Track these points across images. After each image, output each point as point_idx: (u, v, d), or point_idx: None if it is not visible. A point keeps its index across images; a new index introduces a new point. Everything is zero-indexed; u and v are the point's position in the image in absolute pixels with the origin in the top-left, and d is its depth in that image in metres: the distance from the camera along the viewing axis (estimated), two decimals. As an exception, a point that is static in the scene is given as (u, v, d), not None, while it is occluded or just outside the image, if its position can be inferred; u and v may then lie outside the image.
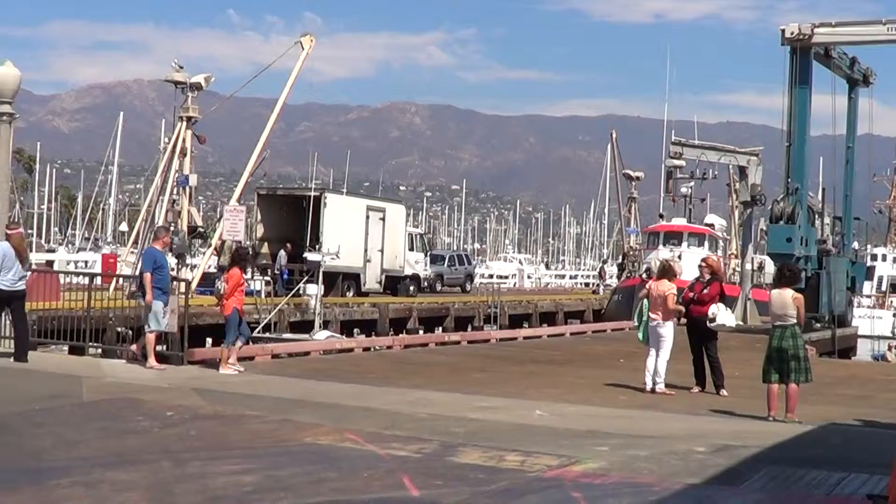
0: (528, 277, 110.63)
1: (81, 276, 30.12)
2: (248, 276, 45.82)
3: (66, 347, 25.37)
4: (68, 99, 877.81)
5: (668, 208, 65.96)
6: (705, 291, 21.02)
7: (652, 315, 20.64)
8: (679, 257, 47.13)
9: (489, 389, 20.17)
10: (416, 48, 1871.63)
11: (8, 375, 19.28)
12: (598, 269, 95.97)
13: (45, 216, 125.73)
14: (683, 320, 21.40)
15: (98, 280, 26.88)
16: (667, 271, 21.18)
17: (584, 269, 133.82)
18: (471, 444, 13.42)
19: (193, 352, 23.20)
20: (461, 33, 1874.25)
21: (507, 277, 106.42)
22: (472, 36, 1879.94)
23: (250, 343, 24.16)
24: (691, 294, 21.18)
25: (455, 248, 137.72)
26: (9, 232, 22.45)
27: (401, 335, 39.34)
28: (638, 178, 79.07)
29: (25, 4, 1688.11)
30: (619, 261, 76.36)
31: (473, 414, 16.26)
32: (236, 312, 21.49)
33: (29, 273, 22.29)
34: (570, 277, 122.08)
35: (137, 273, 21.51)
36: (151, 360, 21.00)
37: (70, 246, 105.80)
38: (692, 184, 63.07)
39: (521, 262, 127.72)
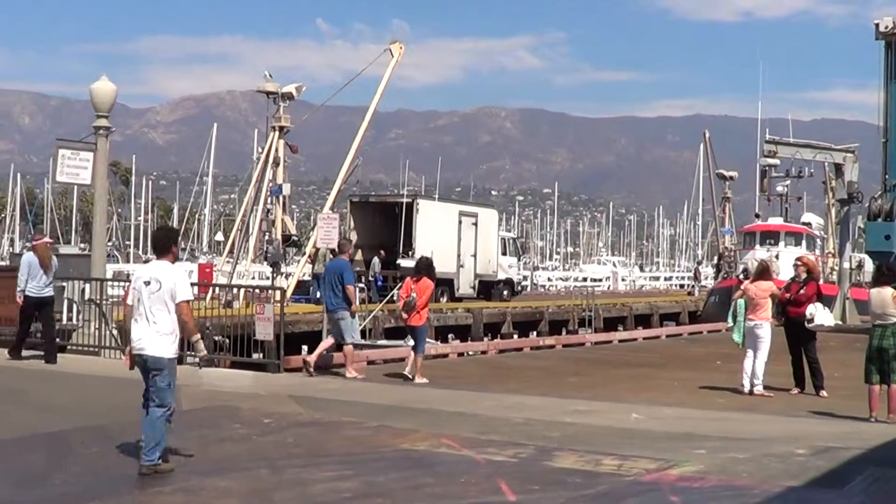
0: (623, 280, 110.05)
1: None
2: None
3: (164, 356, 25.64)
4: (163, 111, 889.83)
5: (764, 207, 65.16)
6: (801, 292, 20.76)
7: (750, 316, 20.41)
8: (776, 257, 46.60)
9: (585, 393, 20.10)
10: (506, 52, 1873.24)
11: (109, 384, 19.54)
12: (692, 271, 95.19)
13: (141, 227, 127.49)
14: (781, 319, 21.15)
15: (195, 290, 27.09)
16: (764, 272, 20.94)
17: (678, 271, 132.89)
18: (567, 449, 13.37)
19: (289, 359, 23.40)
20: (550, 36, 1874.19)
21: (601, 280, 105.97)
22: (562, 39, 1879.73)
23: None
24: (787, 295, 20.92)
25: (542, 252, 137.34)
26: (35, 242, 23.89)
27: (495, 340, 39.37)
28: (731, 177, 78.17)
29: (120, 21, 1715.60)
30: (715, 261, 75.66)
31: (569, 418, 16.20)
32: (426, 324, 22.08)
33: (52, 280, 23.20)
34: (665, 279, 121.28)
35: (335, 286, 21.95)
36: (351, 371, 21.78)
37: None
38: (788, 182, 62.25)
39: (614, 265, 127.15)
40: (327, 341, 22.44)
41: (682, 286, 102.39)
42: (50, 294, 22.93)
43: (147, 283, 12.21)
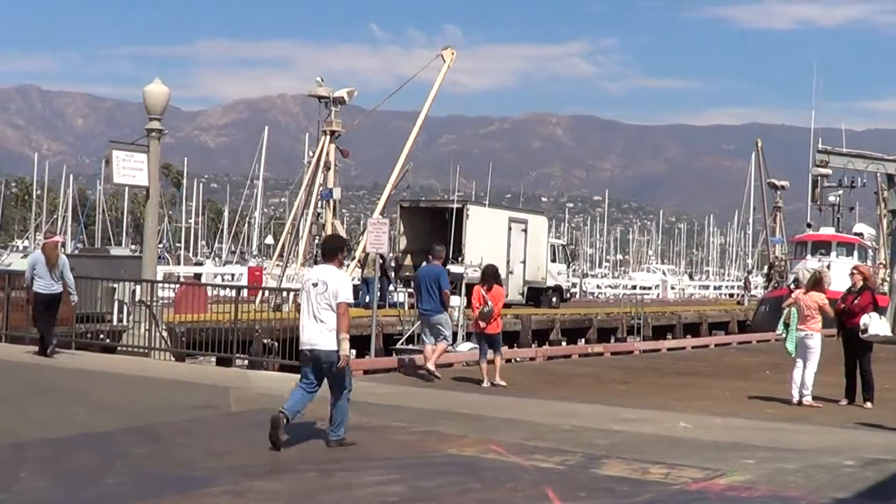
0: (672, 288, 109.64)
1: (228, 289, 30.65)
2: (392, 287, 46.20)
3: (213, 359, 25.86)
4: (215, 115, 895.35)
5: (815, 217, 64.78)
6: (856, 302, 20.56)
7: (800, 326, 20.28)
8: (828, 267, 46.27)
9: (633, 401, 20.04)
10: (558, 59, 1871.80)
11: (159, 386, 19.70)
12: (742, 280, 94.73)
13: (192, 230, 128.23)
14: (839, 332, 20.96)
15: (244, 293, 27.28)
16: (818, 283, 20.75)
17: (728, 280, 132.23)
18: (614, 457, 13.34)
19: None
20: (603, 43, 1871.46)
21: (650, 288, 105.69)
22: (614, 45, 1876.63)
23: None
24: (843, 305, 20.74)
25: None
26: (44, 241, 24.60)
27: (543, 346, 39.26)
28: (783, 187, 77.80)
29: (174, 24, 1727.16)
30: (765, 271, 75.30)
31: (617, 426, 16.16)
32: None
33: (64, 279, 23.44)
34: (714, 288, 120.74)
35: (431, 291, 22.56)
36: (432, 365, 22.30)
37: (217, 259, 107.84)
38: (840, 192, 61.89)
39: (664, 273, 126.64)
40: (430, 345, 22.86)
41: (731, 295, 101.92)
42: (58, 291, 23.21)
43: (315, 285, 13.65)
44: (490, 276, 22.65)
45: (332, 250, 14.22)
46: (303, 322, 13.70)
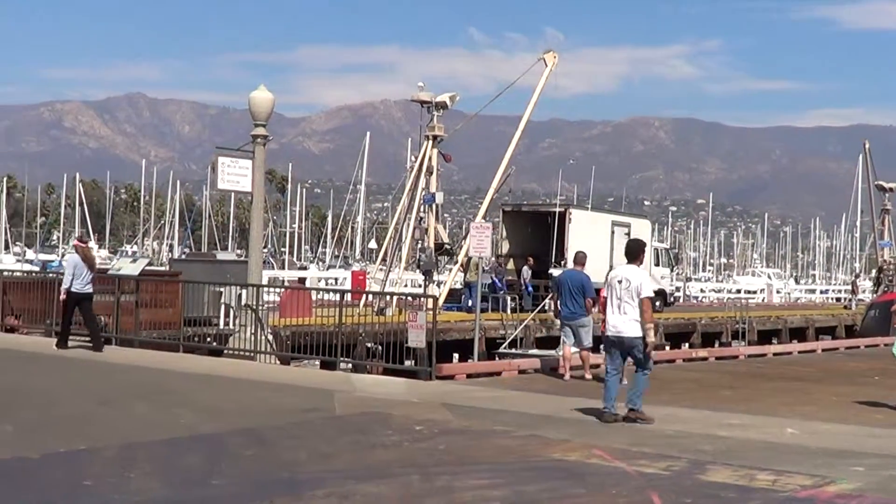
0: (777, 292, 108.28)
1: (332, 293, 30.86)
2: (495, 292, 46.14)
3: (317, 362, 26.03)
4: (318, 120, 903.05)
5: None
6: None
7: (908, 331, 19.96)
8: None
9: (738, 406, 19.83)
10: (660, 61, 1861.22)
11: (264, 389, 19.87)
12: (850, 284, 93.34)
13: (296, 235, 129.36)
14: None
15: (348, 297, 27.41)
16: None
17: (835, 284, 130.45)
18: (720, 462, 13.20)
19: (441, 367, 23.51)
20: (706, 45, 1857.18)
21: (755, 292, 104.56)
22: (718, 47, 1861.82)
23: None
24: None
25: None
26: (79, 244, 25.99)
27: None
28: (892, 189, 76.60)
29: (278, 31, 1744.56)
30: (874, 275, 74.15)
31: (722, 431, 16.00)
32: None
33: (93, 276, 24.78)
34: (821, 292, 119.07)
35: (575, 295, 23.10)
36: (588, 373, 23.27)
37: (321, 263, 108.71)
38: (951, 194, 60.82)
39: (769, 277, 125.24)
40: (568, 348, 23.48)
41: (838, 299, 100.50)
42: (90, 290, 24.41)
43: (620, 282, 16.06)
44: None
45: (635, 252, 16.67)
46: (608, 312, 16.20)
